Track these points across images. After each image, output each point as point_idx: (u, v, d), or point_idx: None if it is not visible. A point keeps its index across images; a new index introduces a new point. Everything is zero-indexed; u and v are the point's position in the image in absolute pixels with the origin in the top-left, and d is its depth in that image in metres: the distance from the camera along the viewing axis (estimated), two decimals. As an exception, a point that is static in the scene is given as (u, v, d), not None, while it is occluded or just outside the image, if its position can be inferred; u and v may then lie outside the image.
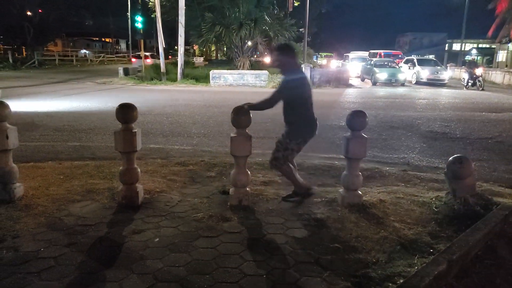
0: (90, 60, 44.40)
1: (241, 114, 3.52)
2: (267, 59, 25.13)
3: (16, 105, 9.08)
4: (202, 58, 41.25)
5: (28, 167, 4.75)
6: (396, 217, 3.46)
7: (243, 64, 23.00)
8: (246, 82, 19.67)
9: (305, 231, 3.16)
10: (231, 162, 5.12)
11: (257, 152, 5.64)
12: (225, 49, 31.69)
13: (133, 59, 32.87)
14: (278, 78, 18.81)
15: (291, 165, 3.81)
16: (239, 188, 3.67)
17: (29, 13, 36.23)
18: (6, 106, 3.52)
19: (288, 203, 3.79)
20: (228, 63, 26.19)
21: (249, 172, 3.71)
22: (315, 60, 30.39)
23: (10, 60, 31.72)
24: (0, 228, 3.04)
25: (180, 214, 3.48)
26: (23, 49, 37.21)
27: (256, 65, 24.37)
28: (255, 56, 28.76)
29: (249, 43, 23.99)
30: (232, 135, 3.56)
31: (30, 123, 7.90)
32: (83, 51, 56.03)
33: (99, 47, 74.93)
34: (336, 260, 2.70)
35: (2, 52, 38.02)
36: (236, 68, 22.64)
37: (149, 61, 27.88)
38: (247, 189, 3.72)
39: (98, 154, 5.86)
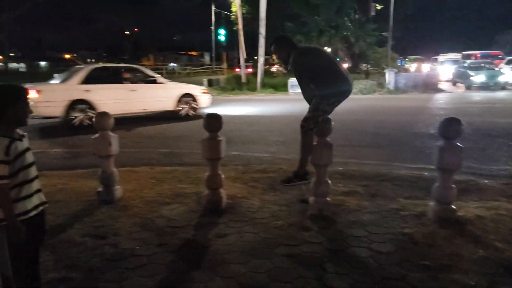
0: (178, 72, 47.44)
1: (324, 123, 3.48)
2: (345, 65, 24.59)
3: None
4: (281, 67, 41.65)
5: (125, 171, 5.19)
6: (497, 236, 3.13)
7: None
8: (326, 89, 19.42)
9: (391, 246, 3.01)
10: (310, 170, 5.09)
11: (337, 160, 5.51)
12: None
13: (237, 69, 33.03)
14: (359, 84, 18.27)
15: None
16: (319, 197, 3.62)
17: (127, 32, 40.08)
18: (110, 116, 3.93)
19: (370, 215, 3.64)
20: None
21: (329, 182, 3.65)
22: (400, 65, 28.90)
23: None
24: (103, 226, 3.39)
25: (261, 221, 3.53)
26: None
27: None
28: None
29: (329, 49, 23.73)
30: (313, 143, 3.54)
31: (125, 131, 8.66)
32: (172, 64, 60.15)
33: (186, 60, 79.72)
34: (427, 279, 2.53)
35: (104, 68, 42.41)
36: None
37: (250, 70, 28.31)
38: (328, 199, 3.66)
39: (185, 160, 6.21)
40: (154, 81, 10.66)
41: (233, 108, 13.56)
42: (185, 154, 6.67)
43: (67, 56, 69.41)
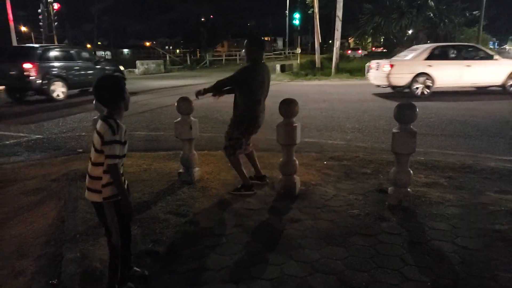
0: (251, 58, 47.93)
1: (406, 109, 3.31)
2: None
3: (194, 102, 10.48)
4: (357, 51, 40.18)
5: (203, 154, 5.43)
6: None
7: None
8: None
9: (479, 243, 2.80)
10: (389, 160, 4.89)
11: (418, 150, 5.23)
12: (381, 40, 30.21)
13: (348, 51, 33.89)
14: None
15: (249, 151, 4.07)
16: (399, 187, 3.47)
17: (203, 19, 41.37)
18: (191, 102, 4.12)
19: (455, 208, 3.41)
20: (385, 55, 24.93)
21: (411, 172, 3.47)
22: (492, 47, 26.29)
23: (188, 61, 36.82)
24: (184, 205, 3.60)
25: (336, 209, 3.49)
26: (197, 51, 42.58)
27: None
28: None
29: (410, 31, 22.31)
30: (394, 130, 3.39)
31: (204, 117, 9.00)
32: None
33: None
34: (519, 280, 2.32)
35: (182, 55, 44.27)
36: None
37: (360, 51, 28.01)
38: (408, 189, 3.49)
39: (259, 145, 6.26)
40: (490, 58, 11.77)
41: (306, 93, 13.40)
42: (258, 139, 6.69)
43: (147, 43, 73.62)
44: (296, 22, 23.46)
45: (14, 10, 27.66)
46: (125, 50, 76.15)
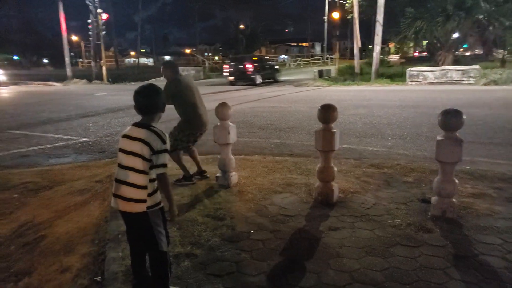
0: (288, 64, 47.98)
1: (452, 116, 3.17)
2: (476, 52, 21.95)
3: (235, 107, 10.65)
4: (397, 56, 39.19)
5: (240, 159, 5.47)
6: None
7: (444, 59, 20.77)
8: (450, 79, 17.71)
9: (532, 258, 2.63)
10: (431, 168, 4.72)
11: (464, 158, 5.00)
12: (423, 44, 29.25)
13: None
14: (493, 74, 16.25)
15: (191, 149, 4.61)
16: (443, 197, 3.33)
17: (242, 26, 41.89)
18: (229, 107, 4.17)
19: (505, 221, 3.22)
20: (427, 60, 24.12)
21: (456, 181, 3.32)
22: None
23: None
24: (221, 208, 3.63)
25: (375, 218, 3.39)
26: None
27: (462, 60, 21.63)
28: (461, 49, 25.51)
29: (455, 35, 21.43)
30: (438, 138, 3.26)
31: (241, 122, 9.09)
32: (282, 56, 60.99)
33: (297, 51, 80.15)
34: None
35: (221, 61, 44.98)
36: (436, 64, 20.63)
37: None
38: (453, 200, 3.34)
39: (295, 151, 6.28)
40: None
41: (345, 99, 13.21)
42: (295, 145, 6.74)
43: (188, 50, 75.45)
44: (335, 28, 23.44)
45: (66, 21, 29.30)
46: (166, 57, 78.49)
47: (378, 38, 20.18)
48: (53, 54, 57.79)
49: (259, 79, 21.81)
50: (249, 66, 21.47)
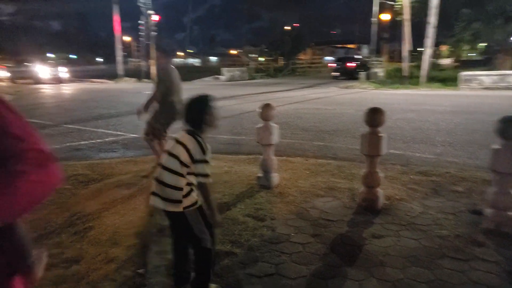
0: (334, 66, 47.23)
1: None
2: None
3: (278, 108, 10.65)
4: (450, 59, 37.40)
5: (282, 160, 5.44)
6: None
7: (502, 63, 19.54)
8: (509, 84, 16.65)
9: None
10: (484, 178, 4.46)
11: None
12: (479, 47, 27.71)
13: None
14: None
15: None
16: (498, 210, 3.13)
17: (288, 28, 41.79)
18: (273, 108, 4.16)
19: None
20: (482, 63, 22.83)
21: (513, 193, 3.11)
22: None
23: (271, 69, 37.44)
24: (262, 209, 3.63)
25: (422, 227, 3.25)
26: (280, 59, 43.04)
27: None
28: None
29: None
30: (495, 146, 3.07)
31: (284, 123, 9.06)
32: (327, 58, 60.16)
33: (343, 53, 78.65)
34: None
35: (265, 62, 45.13)
36: (493, 68, 19.47)
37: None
38: (510, 213, 3.13)
39: (339, 155, 6.16)
40: None
41: (392, 103, 12.80)
42: (339, 149, 6.62)
43: (233, 52, 76.41)
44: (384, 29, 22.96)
45: (119, 22, 30.69)
46: (213, 58, 79.96)
47: (429, 41, 19.37)
48: (106, 53, 60.72)
49: (358, 75, 24.74)
50: (351, 64, 26.49)
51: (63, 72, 28.33)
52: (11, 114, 0.83)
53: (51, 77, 27.02)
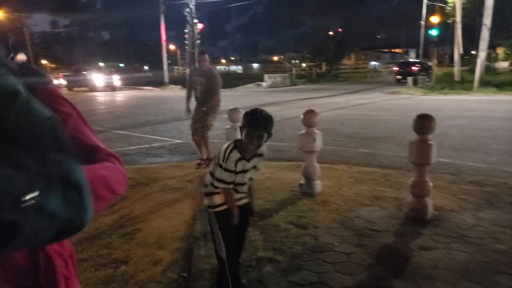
0: (379, 71, 46.12)
1: None
2: None
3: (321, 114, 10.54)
4: (506, 63, 35.27)
5: (325, 167, 5.36)
6: None
7: None
8: None
9: None
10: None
11: None
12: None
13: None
14: None
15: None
16: (562, 224, 2.89)
17: (331, 33, 41.38)
18: (316, 114, 4.12)
19: None
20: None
21: None
22: None
23: (314, 75, 37.18)
24: (304, 216, 3.60)
25: (475, 240, 3.07)
26: (323, 65, 42.68)
27: None
28: None
29: None
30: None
31: (327, 130, 8.95)
32: (373, 63, 58.87)
33: (389, 58, 76.68)
34: None
35: (308, 68, 44.92)
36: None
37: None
38: None
39: (384, 163, 5.98)
40: None
41: (442, 109, 12.27)
42: (385, 156, 6.43)
43: (275, 58, 76.74)
44: (434, 32, 21.91)
45: (165, 31, 31.84)
46: (255, 65, 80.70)
47: (484, 43, 18.39)
48: (152, 61, 63.13)
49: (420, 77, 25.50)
50: (414, 68, 27.52)
51: (116, 80, 29.66)
52: (84, 123, 0.89)
53: (105, 84, 28.36)
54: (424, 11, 29.90)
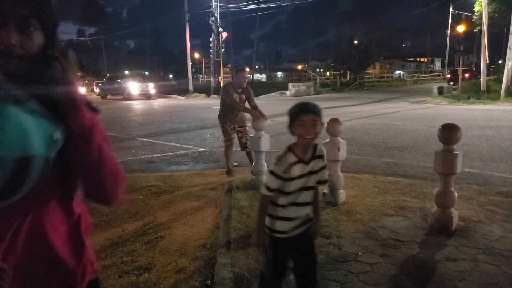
0: (404, 80, 45.44)
1: None
2: None
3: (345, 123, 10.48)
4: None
5: (348, 177, 5.33)
6: None
7: None
8: None
9: None
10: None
11: None
12: None
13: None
14: None
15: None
16: None
17: (355, 42, 41.17)
18: (341, 123, 4.13)
19: None
20: None
21: None
22: None
23: (338, 84, 37.01)
24: (328, 226, 3.59)
25: (503, 252, 3.00)
26: (348, 73, 42.45)
27: None
28: None
29: None
30: None
31: (351, 139, 8.88)
32: (398, 72, 58.07)
33: (414, 67, 75.65)
34: None
35: (332, 77, 44.77)
36: None
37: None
38: None
39: (409, 172, 5.89)
40: None
41: (468, 119, 11.98)
42: (410, 166, 6.33)
43: (299, 67, 76.81)
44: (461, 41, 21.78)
45: (190, 39, 32.44)
46: (279, 73, 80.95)
47: (510, 52, 17.92)
48: (177, 69, 64.27)
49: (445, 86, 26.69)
50: (466, 75, 29.73)
51: (152, 88, 29.26)
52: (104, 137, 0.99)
53: (141, 93, 28.19)
54: (450, 20, 29.44)
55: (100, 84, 32.28)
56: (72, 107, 0.89)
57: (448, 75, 35.16)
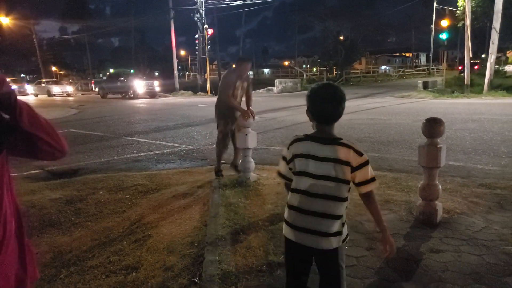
0: (390, 75, 45.91)
1: None
2: None
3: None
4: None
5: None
6: None
7: None
8: None
9: None
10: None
11: None
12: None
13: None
14: None
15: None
16: None
17: (341, 38, 41.43)
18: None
19: None
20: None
21: None
22: None
23: (324, 79, 37.22)
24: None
25: (485, 243, 3.07)
26: (334, 69, 42.73)
27: None
28: None
29: None
30: None
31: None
32: (383, 67, 58.63)
33: (399, 62, 76.50)
34: None
35: (318, 73, 45.00)
36: None
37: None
38: None
39: (395, 166, 5.97)
40: None
41: (452, 112, 12.18)
42: (395, 160, 6.41)
43: (286, 63, 76.92)
44: (443, 36, 21.81)
45: (175, 37, 32.15)
46: (266, 70, 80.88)
47: (493, 47, 18.25)
48: (163, 67, 63.59)
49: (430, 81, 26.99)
50: (475, 67, 30.98)
51: (157, 86, 27.64)
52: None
53: (146, 91, 26.61)
54: (434, 15, 29.78)
55: (97, 83, 30.88)
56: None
57: (460, 67, 35.91)
